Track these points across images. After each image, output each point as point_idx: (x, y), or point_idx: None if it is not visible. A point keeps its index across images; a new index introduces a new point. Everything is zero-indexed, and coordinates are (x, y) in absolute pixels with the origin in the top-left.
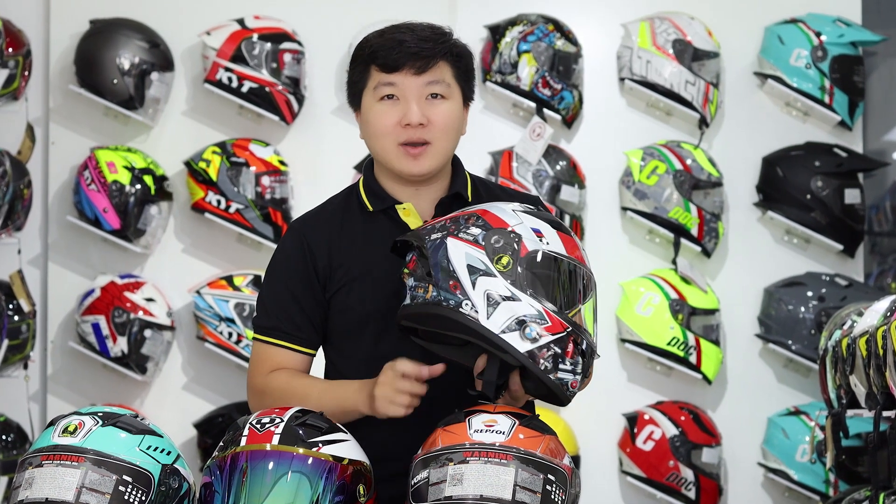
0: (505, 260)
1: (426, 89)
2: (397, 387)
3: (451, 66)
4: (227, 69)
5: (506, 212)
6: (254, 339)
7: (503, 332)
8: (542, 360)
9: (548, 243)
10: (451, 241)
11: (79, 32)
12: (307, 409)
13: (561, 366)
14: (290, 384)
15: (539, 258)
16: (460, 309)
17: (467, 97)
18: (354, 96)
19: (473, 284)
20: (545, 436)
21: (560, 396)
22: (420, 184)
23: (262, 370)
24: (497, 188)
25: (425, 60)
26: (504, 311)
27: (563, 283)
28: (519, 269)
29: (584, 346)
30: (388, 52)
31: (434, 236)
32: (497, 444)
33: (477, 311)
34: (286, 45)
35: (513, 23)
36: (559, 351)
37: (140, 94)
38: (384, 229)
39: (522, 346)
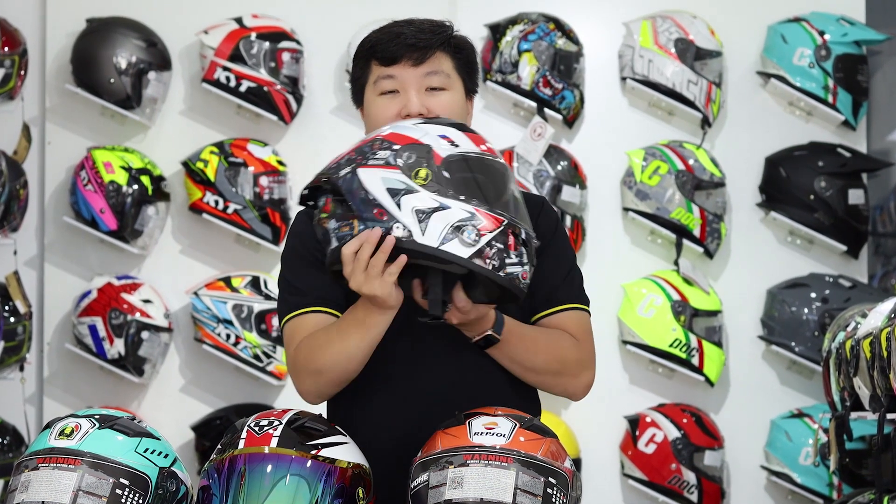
0: (423, 172)
1: (425, 80)
2: (358, 269)
3: (450, 57)
4: (225, 68)
5: (407, 127)
6: (283, 328)
7: (442, 243)
8: (487, 260)
9: (458, 145)
10: (362, 171)
11: (75, 31)
12: (306, 412)
13: (507, 260)
14: (317, 337)
15: (455, 161)
16: (392, 233)
17: (470, 90)
18: (357, 93)
19: (399, 205)
20: (546, 438)
21: (514, 291)
22: None
23: (296, 341)
24: None
25: (423, 51)
26: (437, 221)
27: (485, 179)
28: (439, 177)
29: (523, 236)
30: (386, 45)
31: (343, 172)
32: (498, 447)
33: (410, 231)
34: (285, 44)
35: (513, 21)
36: (502, 246)
37: (137, 94)
38: None
39: (465, 252)
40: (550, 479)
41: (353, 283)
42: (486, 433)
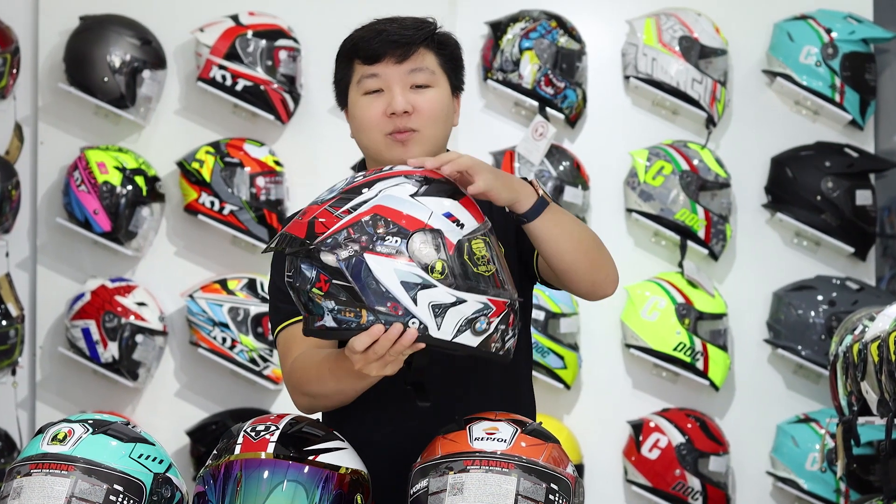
0: (439, 266)
1: (409, 77)
2: (370, 360)
3: (434, 53)
4: (221, 67)
5: (405, 202)
6: (276, 337)
7: (455, 335)
8: (493, 345)
9: (463, 224)
10: (371, 259)
11: (68, 29)
12: (303, 417)
13: (507, 337)
14: (310, 370)
15: (465, 248)
16: (408, 327)
17: (456, 87)
18: (341, 94)
19: (415, 301)
20: (548, 443)
21: (506, 361)
22: None
23: (291, 356)
24: None
25: (406, 48)
26: (452, 316)
27: (491, 256)
28: (453, 267)
29: (517, 307)
30: (368, 43)
31: (345, 254)
32: (498, 453)
33: (426, 326)
34: (282, 41)
35: (514, 19)
36: (504, 327)
37: (131, 93)
38: None
39: (474, 341)
40: (552, 485)
41: (361, 368)
42: (487, 438)
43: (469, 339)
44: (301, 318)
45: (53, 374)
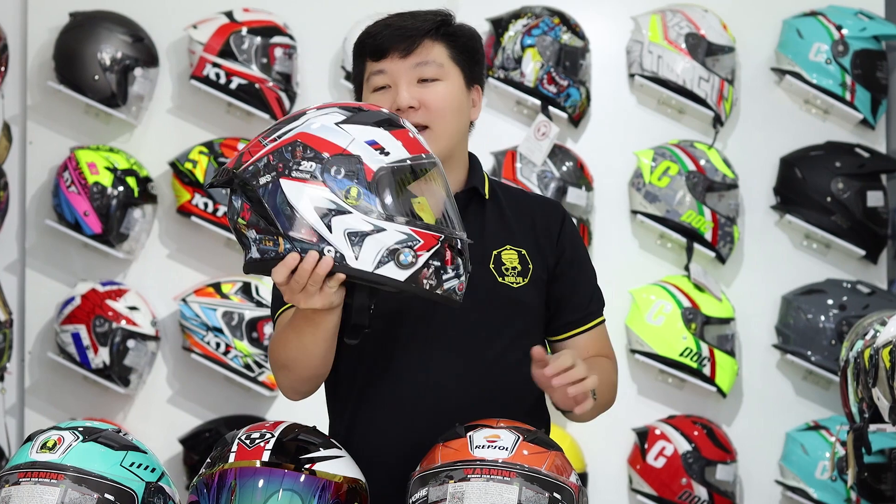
0: (354, 191)
1: (416, 72)
2: (294, 291)
3: (444, 45)
4: (215, 64)
5: (330, 129)
6: (274, 325)
7: (377, 267)
8: (425, 280)
9: (388, 152)
10: (286, 184)
11: (58, 26)
12: (299, 424)
13: (444, 276)
14: (280, 333)
15: (387, 174)
16: (323, 256)
17: (473, 79)
18: (357, 92)
19: (329, 228)
20: (550, 451)
21: (450, 304)
22: None
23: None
24: (518, 193)
25: (410, 41)
26: (371, 245)
27: (421, 189)
28: (370, 194)
29: (458, 246)
30: (374, 39)
31: (263, 179)
32: (500, 461)
33: (343, 255)
34: (277, 38)
35: (516, 16)
36: (438, 263)
37: (123, 91)
38: None
39: (401, 275)
40: (555, 494)
41: (290, 300)
42: (488, 446)
43: (394, 272)
44: (286, 307)
45: (43, 380)
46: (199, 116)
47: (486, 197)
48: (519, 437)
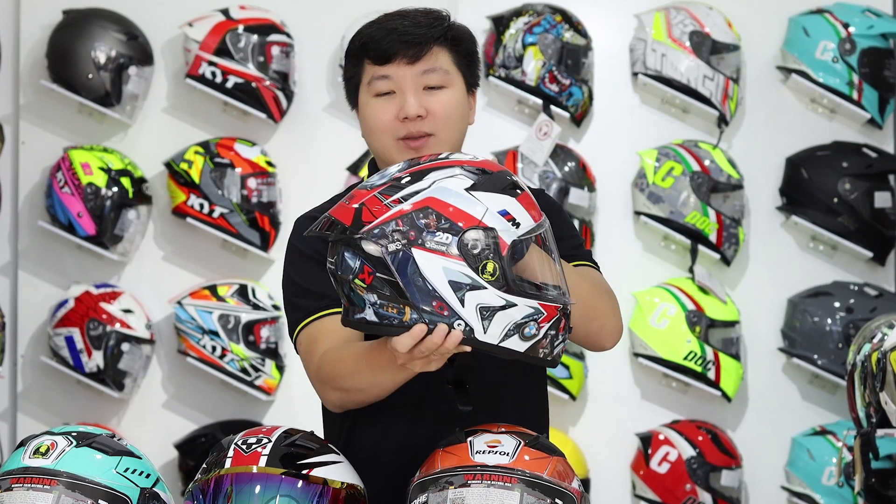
0: (490, 267)
1: (422, 79)
2: (414, 359)
3: (448, 51)
4: (211, 63)
5: (460, 196)
6: (297, 336)
7: (502, 340)
8: (541, 350)
9: (519, 224)
10: (419, 255)
11: (51, 24)
12: (296, 429)
13: (556, 343)
14: (344, 361)
15: (519, 247)
16: (453, 329)
17: (471, 84)
18: (350, 93)
19: (462, 302)
20: (552, 457)
21: (551, 366)
22: None
23: (318, 351)
24: None
25: (418, 48)
26: (500, 320)
27: (545, 257)
28: (506, 271)
29: (569, 311)
30: (378, 43)
31: (392, 247)
32: (501, 466)
33: (472, 328)
34: (274, 37)
35: (518, 13)
36: (554, 332)
37: (117, 90)
38: None
39: (522, 346)
40: (557, 500)
41: (405, 365)
42: (489, 451)
43: (516, 344)
44: (324, 314)
45: (35, 384)
46: (194, 116)
47: None
48: (520, 443)
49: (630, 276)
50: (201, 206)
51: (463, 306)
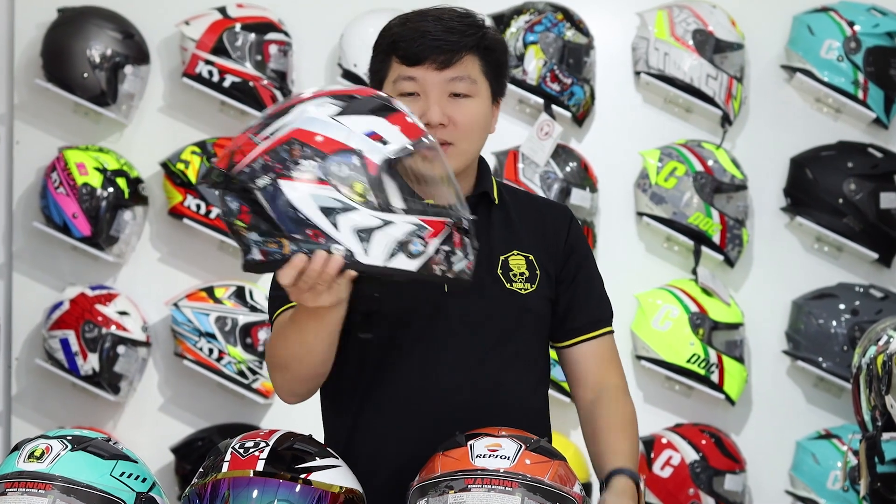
0: (359, 187)
1: (449, 86)
2: (301, 291)
3: (479, 59)
4: (208, 62)
5: (325, 123)
6: (272, 326)
7: (388, 260)
8: (435, 266)
9: (388, 142)
10: (287, 185)
11: (46, 22)
12: (295, 433)
13: (454, 259)
14: (279, 332)
15: (391, 166)
16: (332, 254)
17: (497, 93)
18: (374, 87)
19: (336, 226)
20: (553, 461)
21: (463, 286)
22: None
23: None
24: (524, 196)
25: (449, 55)
26: (380, 239)
27: (422, 173)
28: (376, 187)
29: (465, 226)
30: (409, 44)
31: (261, 182)
32: (501, 471)
33: (352, 252)
34: (272, 35)
35: (518, 11)
36: (448, 248)
37: (113, 90)
38: None
39: (413, 265)
40: None
41: (297, 300)
42: (490, 455)
43: (405, 263)
44: (289, 306)
45: (30, 387)
46: (191, 115)
47: (496, 202)
48: (521, 446)
49: (632, 278)
50: (198, 206)
51: (338, 230)
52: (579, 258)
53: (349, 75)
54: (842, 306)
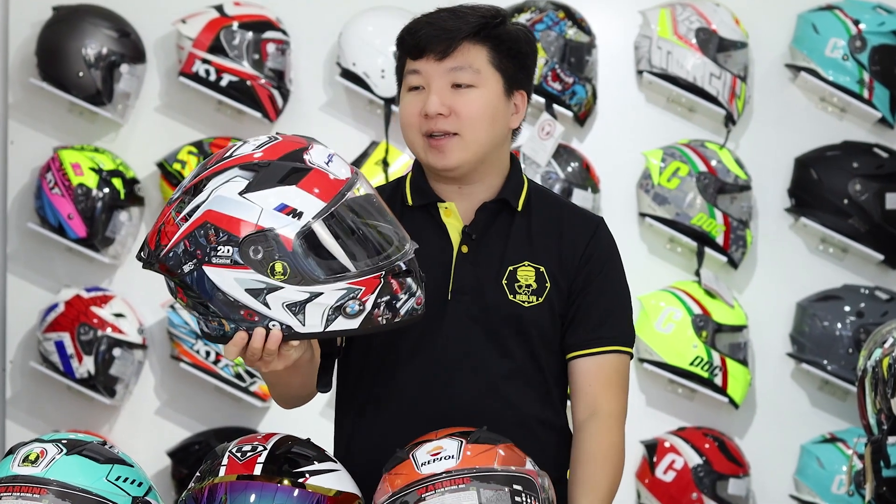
0: (279, 266)
1: (450, 76)
2: (251, 361)
3: (486, 49)
4: (205, 61)
5: (233, 203)
6: None
7: (327, 325)
8: (380, 318)
9: (301, 213)
10: (210, 272)
11: (41, 20)
12: (292, 436)
13: (398, 304)
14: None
15: (307, 237)
16: (270, 331)
17: (515, 85)
18: (398, 85)
19: (267, 305)
20: (497, 446)
21: (413, 322)
22: (462, 182)
23: None
24: (556, 203)
25: (446, 44)
26: (313, 310)
27: (346, 229)
28: (296, 263)
29: (404, 267)
30: (413, 36)
31: (187, 268)
32: (449, 471)
33: (289, 325)
34: (270, 34)
35: (520, 10)
36: (388, 297)
37: (108, 89)
38: (421, 226)
39: (353, 324)
40: (515, 486)
41: (252, 368)
42: (434, 460)
43: (345, 324)
44: None
45: (25, 390)
46: (187, 115)
47: (518, 209)
48: (461, 442)
49: (635, 280)
50: None
51: (269, 308)
52: (594, 270)
53: (348, 74)
54: (847, 308)
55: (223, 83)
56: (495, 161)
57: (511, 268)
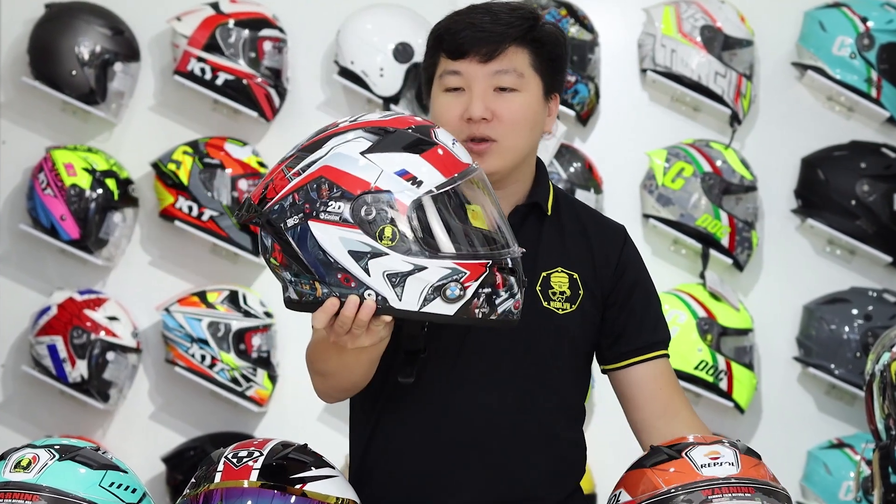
0: (389, 231)
1: (493, 80)
2: (338, 335)
3: (529, 52)
4: (200, 59)
5: (355, 161)
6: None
7: (423, 305)
8: (476, 310)
9: (421, 181)
10: (316, 228)
11: (33, 18)
12: (289, 442)
13: (497, 300)
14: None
15: (423, 207)
16: (365, 300)
17: (551, 88)
18: (426, 84)
19: (367, 271)
20: (762, 462)
21: (508, 327)
22: (494, 187)
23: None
24: (582, 209)
25: (493, 46)
26: (414, 285)
27: (460, 211)
28: (407, 234)
29: (510, 264)
30: (453, 36)
31: (291, 221)
32: (731, 478)
33: (385, 297)
34: (266, 31)
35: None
36: (489, 290)
37: (102, 88)
38: None
39: (450, 310)
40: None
41: (336, 343)
42: (713, 464)
43: (442, 308)
44: None
45: (16, 394)
46: (182, 114)
47: (549, 213)
48: (736, 451)
49: None
50: (190, 208)
51: (369, 275)
52: (633, 279)
53: (346, 72)
54: (854, 311)
55: (219, 82)
56: (525, 167)
57: (544, 273)
